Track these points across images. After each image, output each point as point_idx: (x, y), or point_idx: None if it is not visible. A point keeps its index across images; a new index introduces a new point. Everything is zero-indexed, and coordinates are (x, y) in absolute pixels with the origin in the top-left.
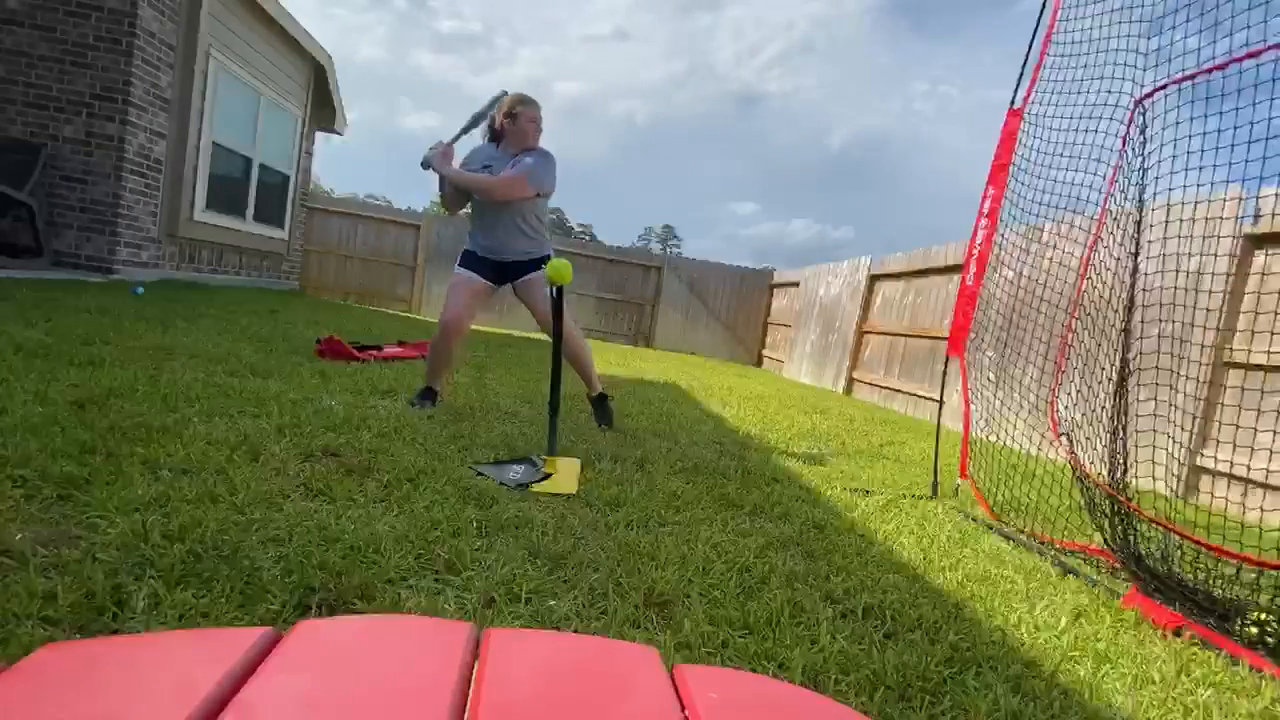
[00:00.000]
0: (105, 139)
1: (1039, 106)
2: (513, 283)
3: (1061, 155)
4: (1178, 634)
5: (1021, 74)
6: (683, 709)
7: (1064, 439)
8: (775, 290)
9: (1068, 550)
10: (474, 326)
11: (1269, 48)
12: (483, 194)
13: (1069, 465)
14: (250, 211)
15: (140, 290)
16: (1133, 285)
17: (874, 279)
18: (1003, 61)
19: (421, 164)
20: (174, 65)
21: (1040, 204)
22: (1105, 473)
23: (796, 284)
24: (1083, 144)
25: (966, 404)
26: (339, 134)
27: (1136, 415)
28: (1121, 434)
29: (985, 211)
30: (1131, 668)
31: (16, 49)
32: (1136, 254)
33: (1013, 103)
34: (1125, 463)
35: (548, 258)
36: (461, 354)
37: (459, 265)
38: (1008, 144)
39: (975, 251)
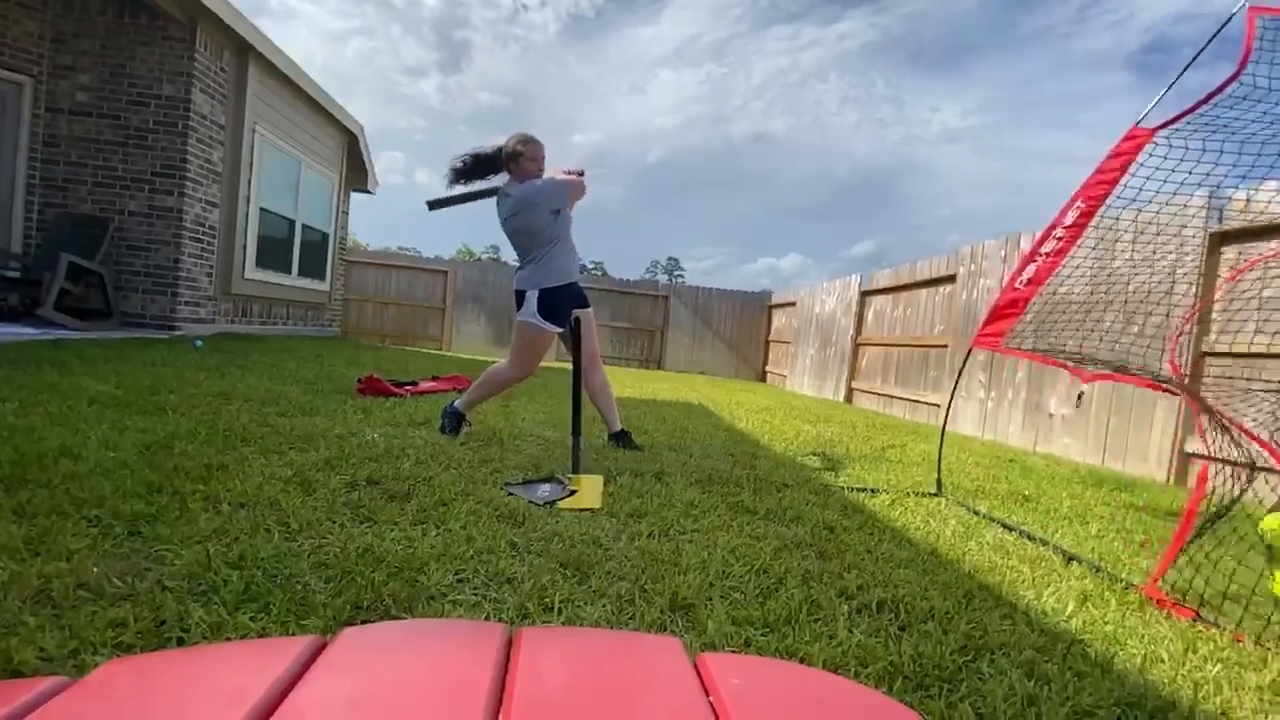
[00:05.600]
0: (165, 210)
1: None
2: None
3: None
4: (1195, 620)
5: (1166, 90)
6: (707, 694)
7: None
8: (774, 310)
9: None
10: (497, 357)
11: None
12: (575, 193)
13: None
14: (295, 267)
15: (199, 344)
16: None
17: (865, 295)
18: (1002, 84)
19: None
20: (224, 142)
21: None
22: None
23: (794, 303)
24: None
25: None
26: (370, 192)
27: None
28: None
29: (1066, 223)
30: (1140, 648)
31: (86, 136)
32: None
33: (1141, 120)
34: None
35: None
36: None
37: (551, 320)
38: (1122, 159)
39: (1040, 260)
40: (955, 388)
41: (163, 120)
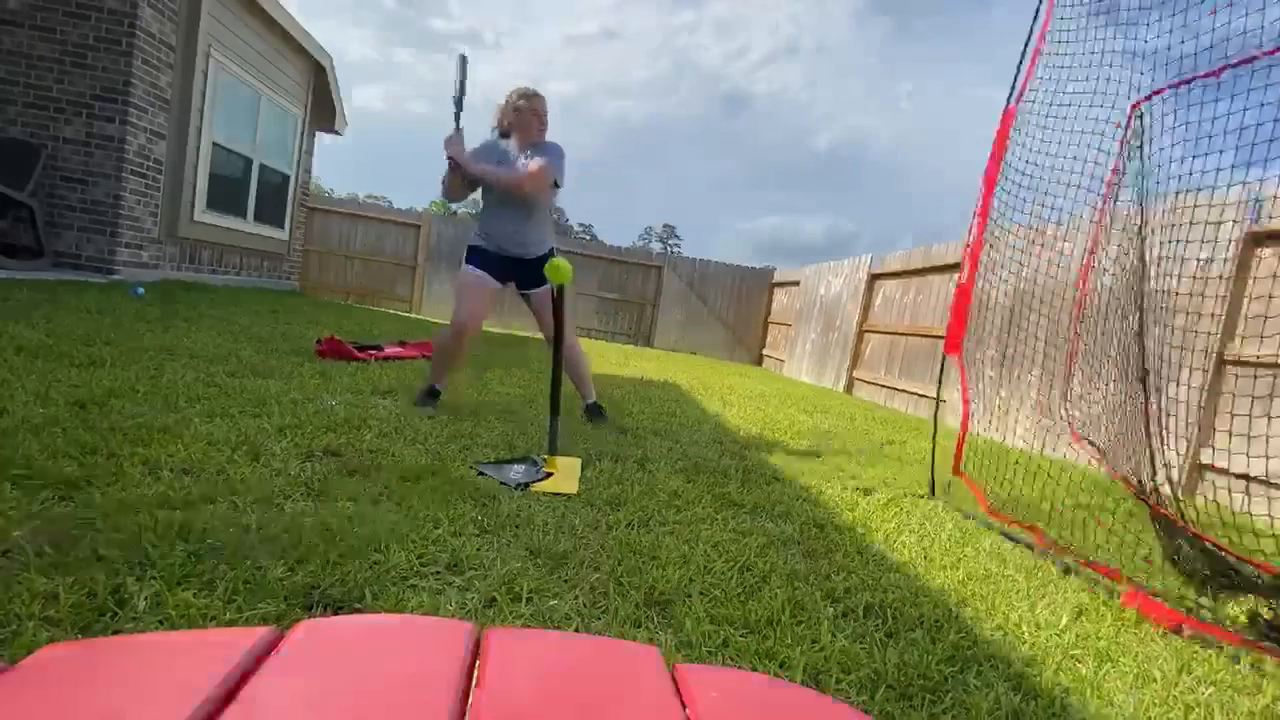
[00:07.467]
0: (105, 139)
1: (1033, 105)
2: (523, 291)
3: (1056, 155)
4: (1177, 632)
5: (1017, 72)
6: (684, 708)
7: (1085, 443)
8: (776, 289)
9: (1061, 555)
10: None
11: (1265, 53)
12: (510, 188)
13: (1106, 472)
14: (250, 212)
15: (140, 291)
16: (1141, 286)
17: (874, 278)
18: (985, 60)
19: (448, 161)
20: (174, 65)
21: (1035, 204)
22: (1139, 480)
23: (797, 283)
24: (1077, 144)
25: (965, 402)
26: (339, 134)
27: (1163, 420)
28: (1148, 438)
29: (979, 210)
30: (1133, 666)
31: (16, 50)
32: (1143, 255)
33: (1008, 101)
34: (1154, 468)
35: (552, 254)
36: (467, 353)
37: (469, 263)
38: (1001, 143)
39: (968, 250)
40: (940, 382)
41: (105, 36)
